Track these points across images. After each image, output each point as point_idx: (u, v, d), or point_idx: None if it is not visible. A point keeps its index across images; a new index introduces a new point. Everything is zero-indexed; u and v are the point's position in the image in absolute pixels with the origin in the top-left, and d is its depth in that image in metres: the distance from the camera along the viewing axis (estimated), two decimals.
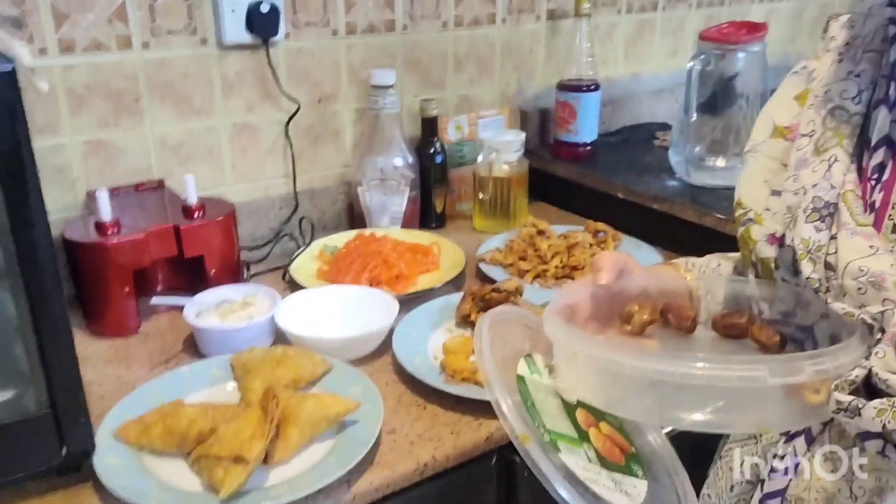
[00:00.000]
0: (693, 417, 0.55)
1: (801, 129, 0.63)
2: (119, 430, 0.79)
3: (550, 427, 0.62)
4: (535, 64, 1.58)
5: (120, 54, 1.13)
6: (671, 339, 0.67)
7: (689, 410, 0.55)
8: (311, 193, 1.36)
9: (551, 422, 0.62)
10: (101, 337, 1.04)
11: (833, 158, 0.60)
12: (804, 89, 0.66)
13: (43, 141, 1.09)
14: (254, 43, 1.22)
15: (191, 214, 1.07)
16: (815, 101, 0.63)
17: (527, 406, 0.62)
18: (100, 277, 1.01)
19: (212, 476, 0.72)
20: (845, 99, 0.62)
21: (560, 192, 1.53)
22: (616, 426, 0.66)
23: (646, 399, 0.57)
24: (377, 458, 0.80)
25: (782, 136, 0.66)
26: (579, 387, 0.64)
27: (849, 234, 0.57)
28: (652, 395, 0.57)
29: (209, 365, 0.92)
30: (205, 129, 1.23)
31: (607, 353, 0.57)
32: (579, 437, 0.63)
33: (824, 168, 0.60)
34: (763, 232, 0.65)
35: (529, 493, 0.91)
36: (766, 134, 0.67)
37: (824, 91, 0.63)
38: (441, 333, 1.03)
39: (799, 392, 0.53)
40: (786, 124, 0.66)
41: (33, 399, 0.71)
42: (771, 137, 0.67)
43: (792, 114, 0.66)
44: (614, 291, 0.69)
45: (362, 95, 1.36)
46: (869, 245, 0.56)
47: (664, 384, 0.54)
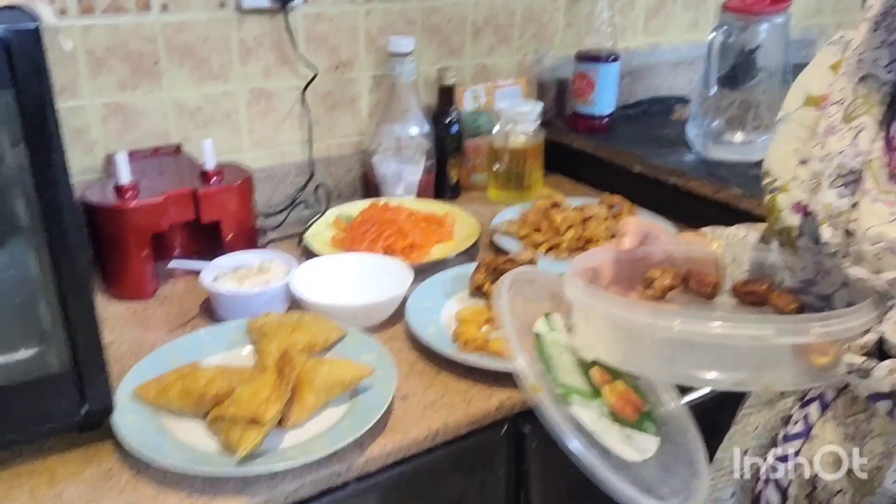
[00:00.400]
0: (704, 375, 0.57)
1: (832, 96, 0.62)
2: (138, 390, 0.81)
3: (563, 381, 0.63)
4: (554, 33, 1.57)
5: (139, 16, 1.13)
6: (692, 304, 0.68)
7: (701, 368, 0.57)
8: (327, 161, 1.36)
9: (565, 377, 0.64)
10: (119, 300, 1.05)
11: (861, 126, 0.60)
12: (840, 59, 0.65)
13: (63, 102, 1.10)
14: (272, 7, 1.22)
15: (208, 179, 1.08)
16: (847, 69, 0.63)
17: (542, 361, 0.63)
18: (118, 240, 1.02)
19: (228, 437, 0.74)
20: (878, 67, 0.61)
21: (576, 164, 1.52)
22: (631, 385, 0.67)
23: (660, 357, 0.59)
24: (390, 423, 0.81)
25: (815, 104, 0.65)
26: (596, 345, 0.65)
27: (871, 201, 0.57)
28: (666, 353, 0.58)
29: (226, 329, 0.94)
30: (222, 93, 1.23)
31: (623, 312, 0.59)
32: (592, 393, 0.64)
33: (852, 135, 0.60)
34: (789, 200, 0.64)
35: (540, 462, 0.92)
36: (799, 102, 0.67)
37: (857, 59, 0.62)
38: (454, 303, 1.03)
39: (807, 353, 0.54)
40: (819, 93, 0.65)
41: (55, 357, 0.72)
42: (803, 106, 0.66)
43: (826, 83, 0.65)
44: (638, 256, 0.70)
45: (380, 63, 1.35)
46: (890, 212, 0.56)
47: (678, 343, 0.56)
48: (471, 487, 0.91)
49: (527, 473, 0.94)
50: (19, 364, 0.72)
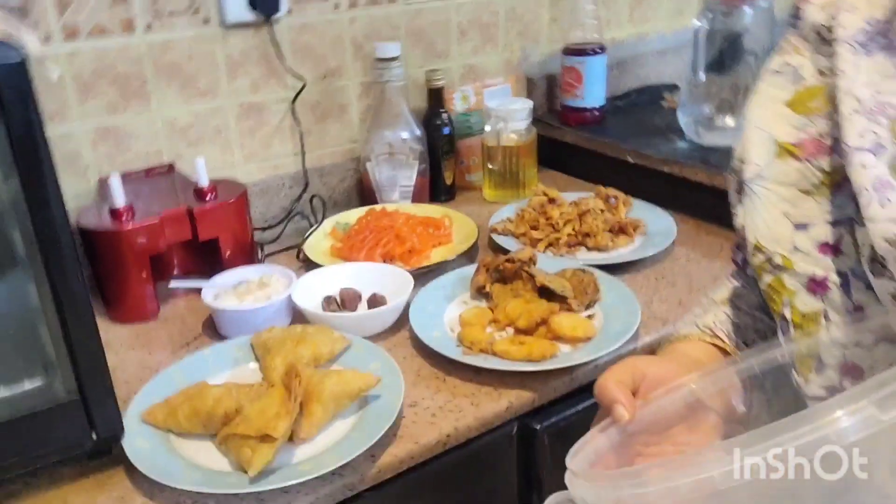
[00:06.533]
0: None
1: (850, 140, 0.48)
2: (146, 414, 0.81)
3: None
4: (539, 29, 1.57)
5: (124, 38, 1.12)
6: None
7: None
8: (321, 171, 1.36)
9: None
10: (121, 323, 1.05)
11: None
12: (796, 92, 0.54)
13: (52, 129, 1.09)
14: (256, 21, 1.22)
15: (203, 197, 1.08)
16: (861, 108, 0.48)
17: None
18: (117, 264, 1.02)
19: (240, 455, 0.73)
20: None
21: (569, 158, 1.52)
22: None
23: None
24: (400, 431, 0.81)
25: (792, 155, 0.53)
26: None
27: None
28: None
29: (230, 346, 0.94)
30: (212, 110, 1.23)
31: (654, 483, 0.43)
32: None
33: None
34: (799, 279, 0.51)
35: (552, 459, 0.92)
36: (769, 155, 0.54)
37: (872, 95, 0.49)
38: (457, 306, 1.03)
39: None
40: (792, 140, 0.53)
41: (61, 386, 0.72)
42: (777, 158, 0.54)
43: (793, 125, 0.54)
44: (644, 423, 0.53)
45: (367, 69, 1.35)
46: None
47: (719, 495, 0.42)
48: (484, 489, 0.91)
49: (539, 472, 0.94)
50: (26, 395, 0.71)
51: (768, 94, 0.56)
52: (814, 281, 0.51)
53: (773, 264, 0.53)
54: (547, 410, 0.91)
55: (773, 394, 0.53)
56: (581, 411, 0.93)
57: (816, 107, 0.53)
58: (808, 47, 0.55)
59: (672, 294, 1.07)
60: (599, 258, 1.15)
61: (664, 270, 1.14)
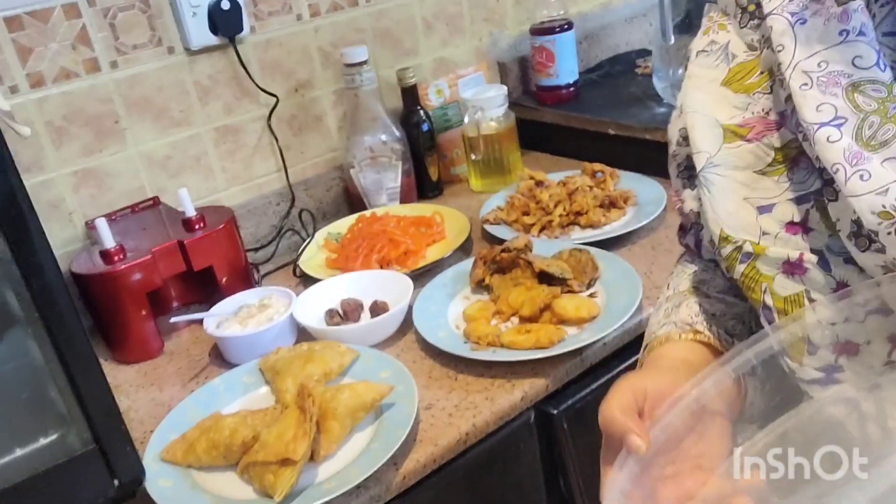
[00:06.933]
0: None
1: (808, 117, 0.46)
2: (165, 452, 0.81)
3: None
4: (504, 13, 1.56)
5: (91, 78, 1.11)
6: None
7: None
8: (305, 184, 1.36)
9: None
10: (127, 363, 1.05)
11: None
12: (730, 70, 0.52)
13: (31, 179, 1.09)
14: (221, 43, 1.21)
15: (192, 227, 1.07)
16: (811, 81, 0.47)
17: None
18: (115, 305, 1.02)
19: (262, 482, 0.73)
20: (863, 69, 0.46)
21: (551, 138, 1.52)
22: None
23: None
24: (419, 435, 0.82)
25: (740, 136, 0.51)
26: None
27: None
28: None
29: (239, 373, 0.93)
30: (188, 138, 1.22)
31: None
32: None
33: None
34: (774, 262, 0.49)
35: (572, 442, 0.93)
36: (717, 140, 0.52)
37: (818, 65, 0.47)
38: (459, 302, 1.03)
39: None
40: (738, 122, 0.51)
41: (77, 438, 0.71)
42: (726, 143, 0.51)
43: (735, 106, 0.51)
44: (657, 445, 0.50)
45: (338, 76, 1.34)
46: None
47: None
48: (510, 480, 0.91)
49: (562, 456, 0.94)
50: (42, 451, 0.71)
51: (701, 75, 0.54)
52: (789, 263, 0.49)
53: (745, 253, 0.51)
54: (561, 394, 0.92)
55: (765, 378, 0.52)
56: (595, 390, 0.93)
57: (754, 83, 0.51)
58: (733, 22, 0.54)
59: (670, 261, 1.05)
60: (594, 235, 1.15)
61: (660, 238, 1.14)
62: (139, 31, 1.14)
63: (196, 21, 1.17)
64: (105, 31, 1.11)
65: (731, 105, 0.52)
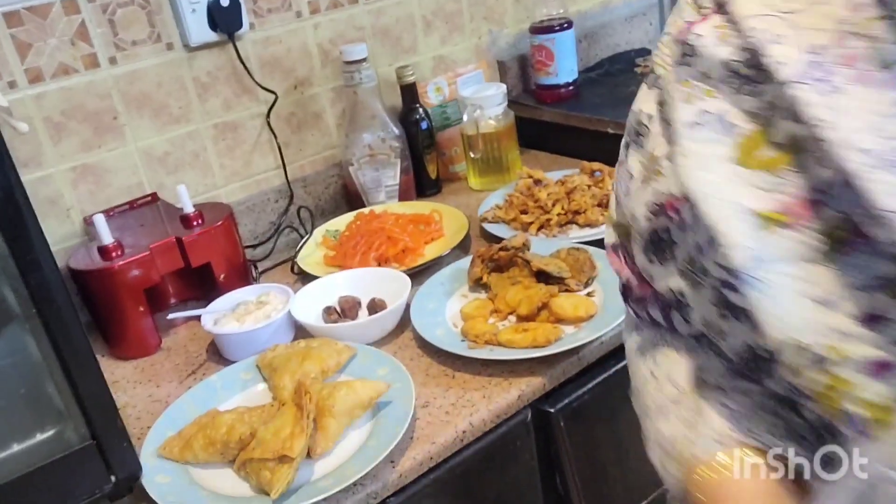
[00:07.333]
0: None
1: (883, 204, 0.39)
2: (162, 448, 0.81)
3: None
4: (504, 11, 1.56)
5: (90, 74, 1.11)
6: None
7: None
8: (304, 181, 1.36)
9: None
10: (125, 359, 1.05)
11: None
12: (737, 145, 0.45)
13: (29, 175, 1.09)
14: (220, 40, 1.21)
15: (190, 224, 1.07)
16: (874, 161, 0.39)
17: None
18: (113, 301, 1.02)
19: (259, 479, 0.74)
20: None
21: (549, 137, 1.52)
22: None
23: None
24: (416, 433, 0.82)
25: (780, 224, 0.43)
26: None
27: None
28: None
29: (236, 370, 0.93)
30: (187, 134, 1.22)
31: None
32: None
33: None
34: (857, 366, 0.41)
35: (569, 441, 0.93)
36: (755, 231, 0.43)
37: (879, 141, 0.40)
38: (457, 300, 1.03)
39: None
40: (774, 207, 0.43)
41: (74, 433, 0.72)
42: (764, 233, 0.43)
43: (759, 187, 0.43)
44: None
45: (337, 74, 1.34)
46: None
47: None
48: (507, 478, 0.91)
49: (558, 454, 0.94)
50: (40, 446, 0.71)
51: (702, 153, 0.46)
52: (876, 364, 0.41)
53: (818, 358, 0.42)
54: (558, 393, 0.92)
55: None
56: (592, 389, 0.93)
57: (774, 158, 0.43)
58: (723, 88, 0.46)
59: None
60: (592, 234, 1.15)
61: None
62: (138, 27, 1.14)
63: (195, 17, 1.17)
64: (104, 26, 1.11)
65: (752, 186, 0.44)
